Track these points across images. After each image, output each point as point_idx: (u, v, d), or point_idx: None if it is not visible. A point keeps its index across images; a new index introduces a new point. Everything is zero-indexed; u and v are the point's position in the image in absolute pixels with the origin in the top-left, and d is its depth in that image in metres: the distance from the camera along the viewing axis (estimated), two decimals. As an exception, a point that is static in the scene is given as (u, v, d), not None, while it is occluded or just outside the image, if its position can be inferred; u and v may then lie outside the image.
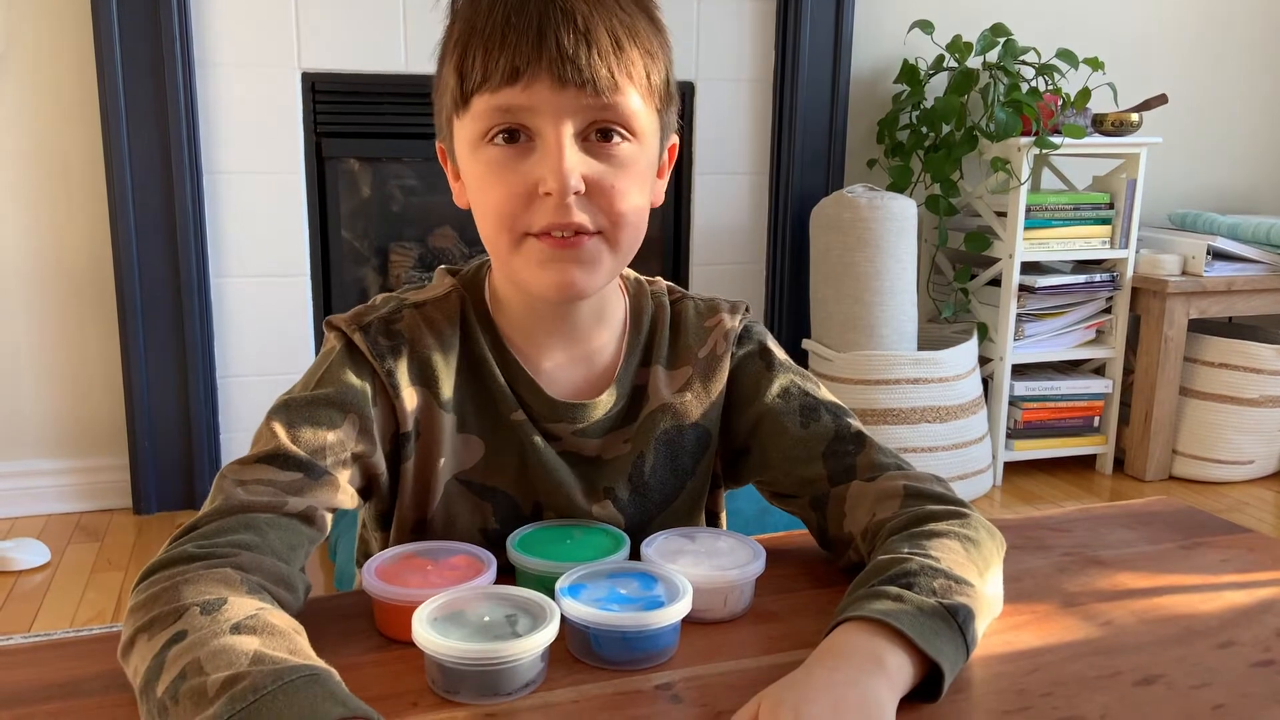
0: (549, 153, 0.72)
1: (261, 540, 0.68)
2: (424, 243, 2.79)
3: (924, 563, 0.69)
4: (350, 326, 0.79)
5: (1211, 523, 0.96)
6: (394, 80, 2.52)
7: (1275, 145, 3.41)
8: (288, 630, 0.61)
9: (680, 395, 0.86)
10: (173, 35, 2.31)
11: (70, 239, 2.47)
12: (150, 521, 2.49)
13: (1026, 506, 2.71)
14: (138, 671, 0.60)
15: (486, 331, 0.83)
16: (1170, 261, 2.83)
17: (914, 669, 0.63)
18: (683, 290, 0.91)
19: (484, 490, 0.83)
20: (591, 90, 0.71)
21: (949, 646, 0.64)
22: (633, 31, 0.73)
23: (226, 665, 0.56)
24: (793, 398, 0.85)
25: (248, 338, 2.54)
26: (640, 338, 0.87)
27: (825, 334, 2.70)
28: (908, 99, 2.83)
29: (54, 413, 2.54)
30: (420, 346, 0.80)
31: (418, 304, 0.82)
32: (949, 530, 0.73)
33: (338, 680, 0.57)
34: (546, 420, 0.83)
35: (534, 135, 0.73)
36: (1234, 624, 0.75)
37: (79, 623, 2.00)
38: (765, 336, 0.90)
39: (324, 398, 0.76)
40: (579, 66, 0.71)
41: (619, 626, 0.66)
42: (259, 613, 0.61)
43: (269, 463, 0.72)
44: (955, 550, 0.71)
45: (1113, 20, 3.13)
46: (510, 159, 0.73)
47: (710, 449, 0.88)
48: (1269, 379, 2.85)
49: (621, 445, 0.85)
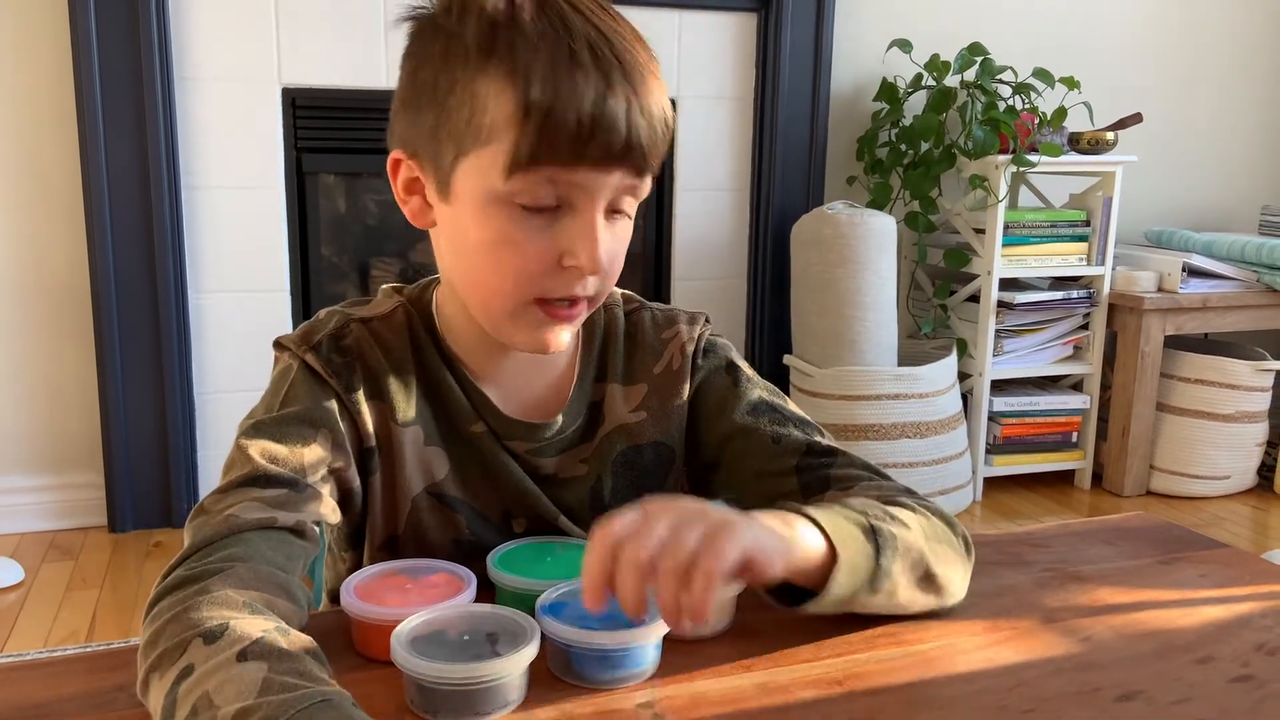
0: (585, 230, 0.71)
1: (255, 552, 0.67)
2: (405, 258, 2.78)
3: (869, 507, 0.73)
4: (300, 347, 0.79)
5: (1189, 538, 0.96)
6: (375, 96, 2.52)
7: (1249, 164, 3.45)
8: (296, 652, 0.59)
9: (637, 414, 0.86)
10: (152, 48, 2.30)
11: (47, 253, 2.44)
12: (126, 540, 2.46)
13: (1006, 522, 2.72)
14: (156, 711, 0.59)
15: (438, 349, 0.83)
16: (1146, 278, 2.86)
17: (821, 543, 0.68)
18: (640, 300, 0.90)
19: (454, 502, 0.83)
20: (639, 174, 0.72)
21: (855, 546, 0.69)
22: (662, 102, 0.72)
23: (235, 697, 0.54)
24: (762, 413, 0.85)
25: (226, 354, 2.52)
26: (593, 354, 0.87)
27: (806, 350, 2.71)
28: (887, 117, 2.86)
29: (28, 429, 2.51)
30: (371, 362, 0.80)
31: (364, 319, 0.81)
32: (909, 505, 0.76)
33: (351, 703, 0.56)
34: (503, 436, 0.83)
35: (565, 204, 0.72)
36: (1212, 639, 0.75)
37: (53, 642, 1.97)
38: (730, 350, 0.89)
39: (293, 416, 0.75)
40: (641, 149, 0.70)
41: (600, 645, 0.66)
42: (264, 635, 0.59)
43: (249, 485, 0.70)
44: (910, 521, 0.74)
45: (1088, 40, 3.17)
46: (539, 225, 0.72)
47: (675, 466, 0.88)
48: (1245, 395, 2.87)
49: (579, 465, 0.85)
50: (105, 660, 0.70)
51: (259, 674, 0.56)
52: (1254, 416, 2.91)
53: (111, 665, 0.69)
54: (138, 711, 0.63)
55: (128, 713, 0.64)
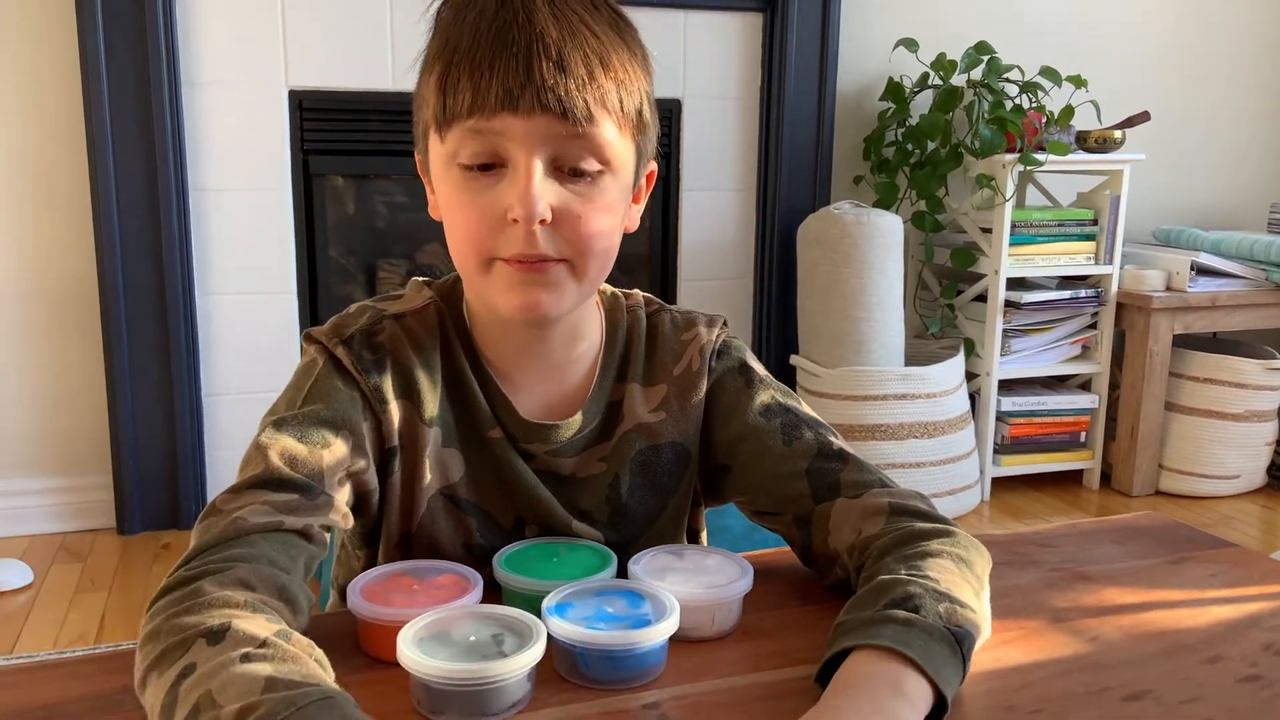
0: (518, 180, 0.72)
1: (259, 554, 0.67)
2: (411, 259, 2.79)
3: (925, 585, 0.68)
4: (332, 340, 0.79)
5: (1198, 537, 0.96)
6: (381, 97, 2.53)
7: (1257, 161, 3.44)
8: (299, 654, 0.59)
9: (656, 414, 0.86)
10: (159, 52, 2.31)
11: (55, 256, 2.45)
12: (134, 542, 2.47)
13: (1014, 522, 2.71)
14: (153, 709, 0.59)
15: (464, 346, 0.83)
16: (1154, 277, 2.85)
17: (930, 693, 0.63)
18: (660, 303, 0.91)
19: (466, 505, 0.83)
20: (567, 120, 0.72)
21: (953, 673, 0.64)
22: (607, 60, 0.73)
23: (238, 696, 0.55)
24: (774, 415, 0.85)
25: (234, 356, 2.53)
26: (615, 355, 0.87)
27: (813, 350, 2.70)
28: (893, 116, 2.85)
29: (37, 431, 2.52)
30: (402, 360, 0.80)
31: (396, 315, 0.82)
32: (941, 550, 0.73)
33: (353, 704, 0.56)
34: (521, 440, 0.83)
35: (506, 162, 0.73)
36: (1221, 639, 0.75)
37: (62, 644, 1.98)
38: (745, 352, 0.89)
39: (315, 415, 0.75)
40: (558, 97, 0.71)
41: (606, 645, 0.66)
42: (267, 637, 0.60)
43: (262, 487, 0.70)
44: (951, 571, 0.71)
45: (1095, 38, 3.16)
46: (482, 184, 0.74)
47: (690, 466, 0.88)
48: (1254, 394, 2.86)
49: (597, 464, 0.85)
50: (113, 662, 0.70)
51: (262, 673, 0.56)
52: (1263, 415, 2.90)
53: (119, 667, 0.69)
54: (145, 714, 0.64)
55: (136, 714, 0.64)
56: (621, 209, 0.79)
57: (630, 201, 0.81)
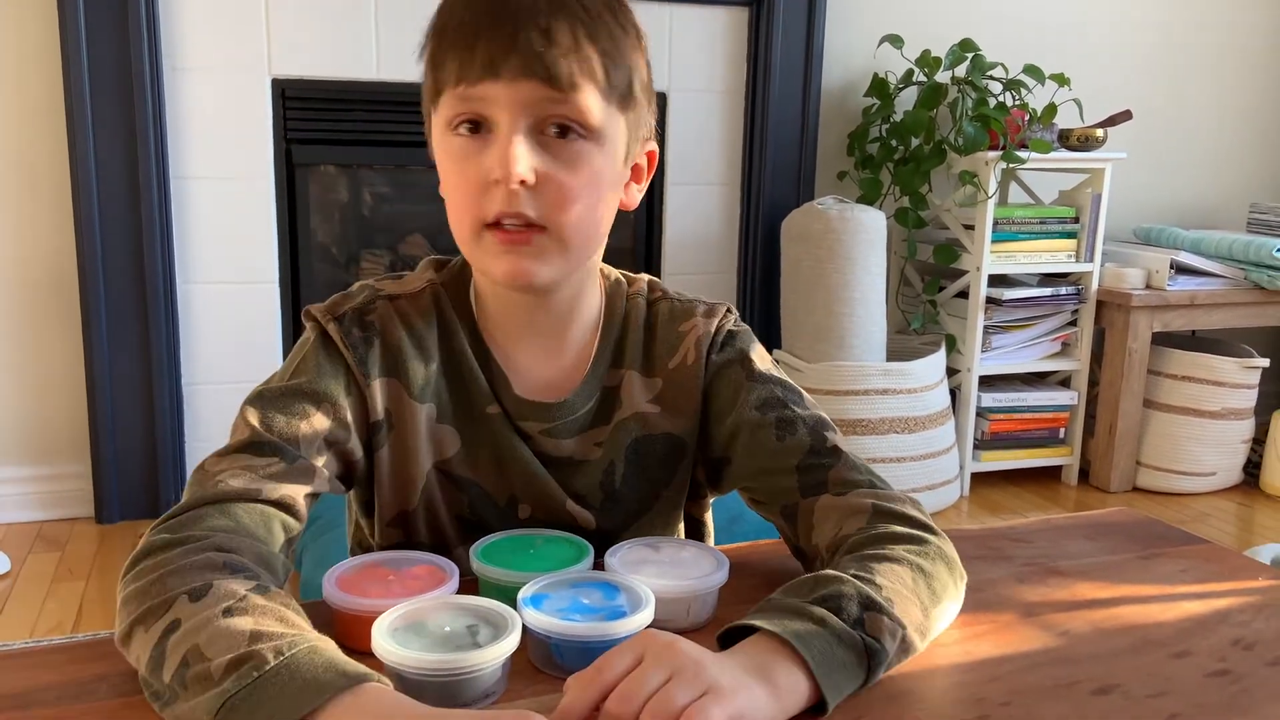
0: (500, 142, 0.74)
1: (236, 524, 0.70)
2: (395, 250, 2.78)
3: (861, 589, 0.67)
4: (325, 317, 0.82)
5: (1170, 534, 0.97)
6: (365, 87, 2.51)
7: (1238, 161, 3.46)
8: (278, 607, 0.62)
9: (653, 405, 0.87)
10: (141, 38, 2.29)
11: (34, 243, 2.43)
12: (112, 531, 2.45)
13: (993, 517, 2.73)
14: (140, 660, 0.62)
15: (465, 324, 0.85)
16: (1134, 275, 2.87)
17: (808, 692, 0.62)
18: (664, 289, 0.91)
19: (461, 480, 0.85)
20: (550, 86, 0.73)
21: (846, 679, 0.64)
22: (594, 32, 0.75)
23: (226, 648, 0.58)
24: (770, 410, 0.84)
25: (215, 344, 2.51)
26: (611, 339, 0.88)
27: (795, 344, 2.71)
28: (878, 112, 2.86)
29: (15, 419, 2.50)
30: (392, 338, 0.82)
31: (391, 296, 0.84)
32: (903, 557, 0.72)
33: (335, 649, 0.59)
34: (517, 417, 0.84)
35: (493, 127, 0.75)
36: (1190, 634, 0.76)
37: (39, 633, 1.97)
38: (749, 343, 0.89)
39: (297, 388, 0.78)
40: (543, 63, 0.72)
41: (580, 636, 0.66)
42: (248, 595, 0.62)
43: (245, 451, 0.74)
44: (903, 579, 0.70)
45: (1079, 37, 3.17)
46: (471, 150, 0.75)
47: (686, 458, 0.88)
48: (1231, 392, 2.89)
49: (593, 449, 0.86)
50: (86, 650, 0.70)
51: (247, 625, 0.59)
52: (1240, 413, 2.92)
53: (92, 655, 0.69)
54: (118, 701, 0.64)
55: (109, 702, 0.64)
56: (608, 181, 0.79)
57: (628, 179, 0.82)
